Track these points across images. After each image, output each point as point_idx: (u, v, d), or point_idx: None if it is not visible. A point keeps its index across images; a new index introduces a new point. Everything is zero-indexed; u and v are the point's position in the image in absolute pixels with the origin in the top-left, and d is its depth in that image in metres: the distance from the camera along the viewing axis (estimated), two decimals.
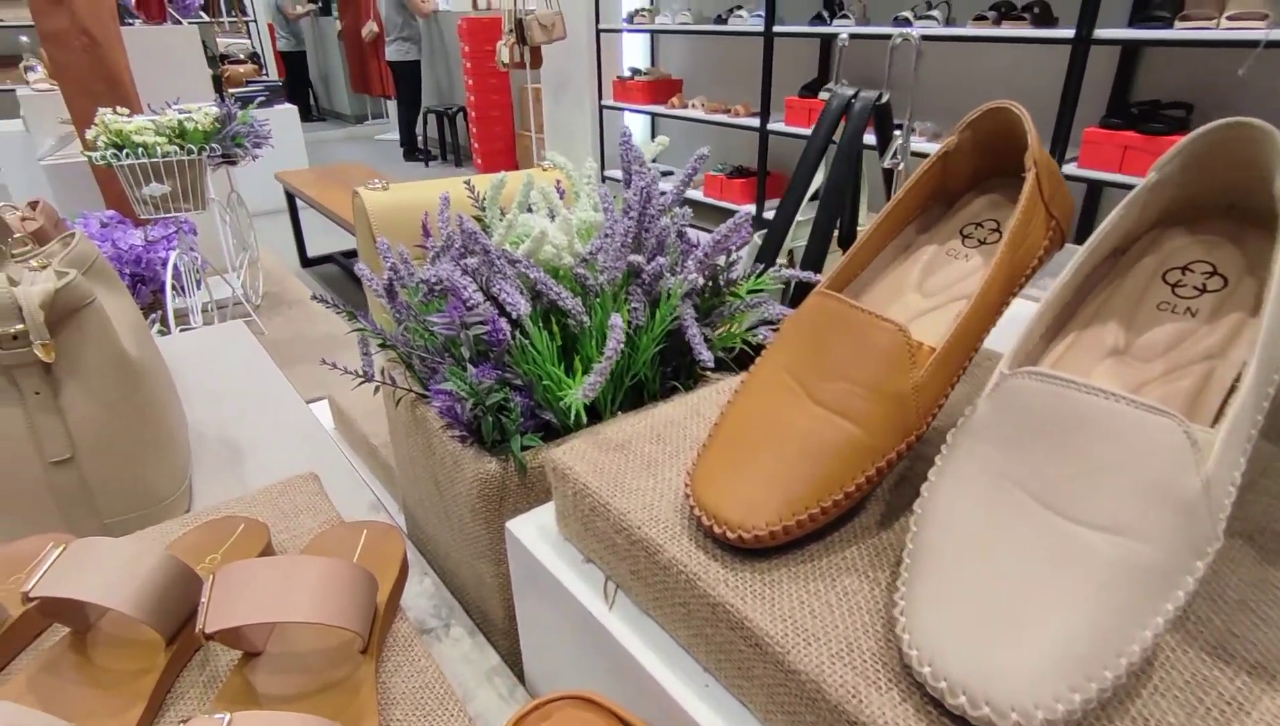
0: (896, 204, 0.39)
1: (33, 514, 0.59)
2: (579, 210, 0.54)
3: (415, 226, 0.70)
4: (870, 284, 0.41)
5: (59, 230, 1.21)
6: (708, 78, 4.09)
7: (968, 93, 2.88)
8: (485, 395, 0.45)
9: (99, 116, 1.90)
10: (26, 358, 0.56)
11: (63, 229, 1.24)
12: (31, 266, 0.65)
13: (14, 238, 0.70)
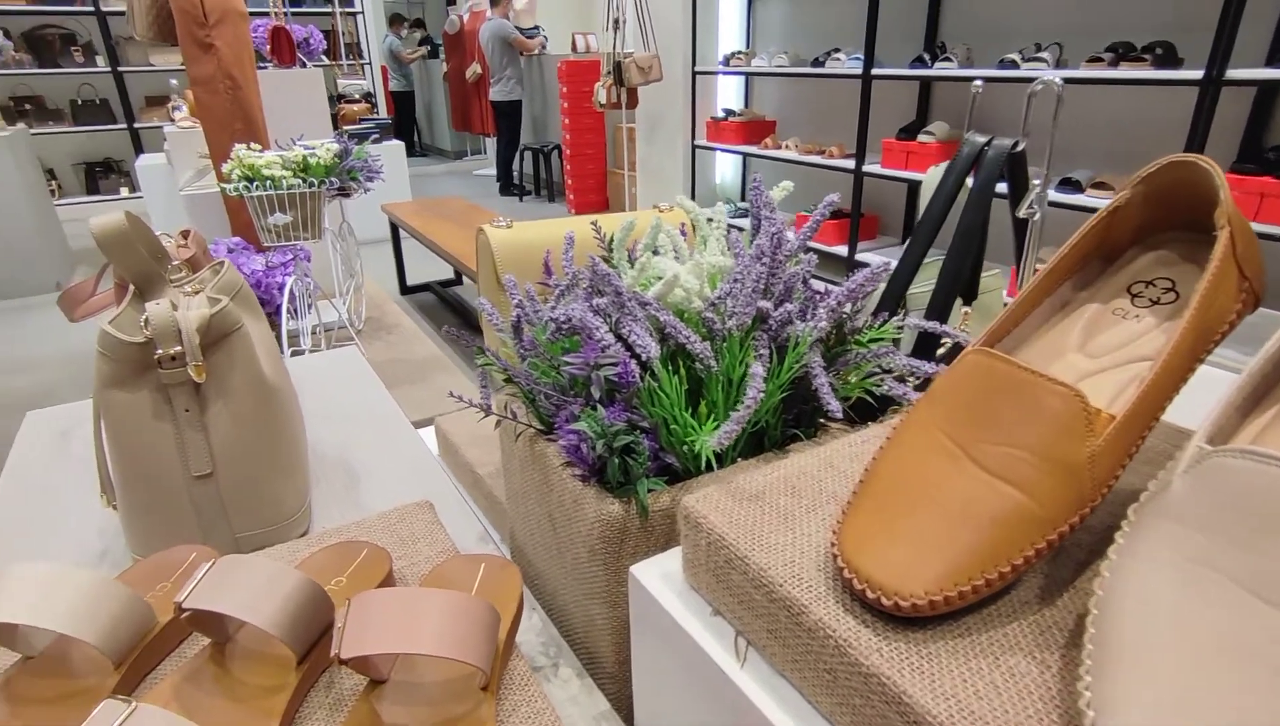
0: (1060, 259, 0.37)
1: (173, 523, 0.63)
2: (708, 254, 0.54)
3: (537, 263, 0.71)
4: (1025, 342, 0.39)
5: (208, 258, 1.31)
6: (802, 119, 4.09)
7: (1080, 137, 2.77)
8: (615, 437, 0.45)
9: (234, 152, 2.06)
10: (181, 377, 0.60)
11: (210, 256, 1.34)
12: (186, 292, 0.70)
13: (172, 265, 0.75)
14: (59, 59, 5.93)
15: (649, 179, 4.77)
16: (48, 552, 0.70)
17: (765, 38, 4.25)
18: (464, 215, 3.50)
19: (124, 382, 0.59)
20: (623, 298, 0.49)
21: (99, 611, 0.44)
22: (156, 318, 0.58)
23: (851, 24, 3.63)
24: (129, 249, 0.63)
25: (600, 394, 0.47)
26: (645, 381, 0.48)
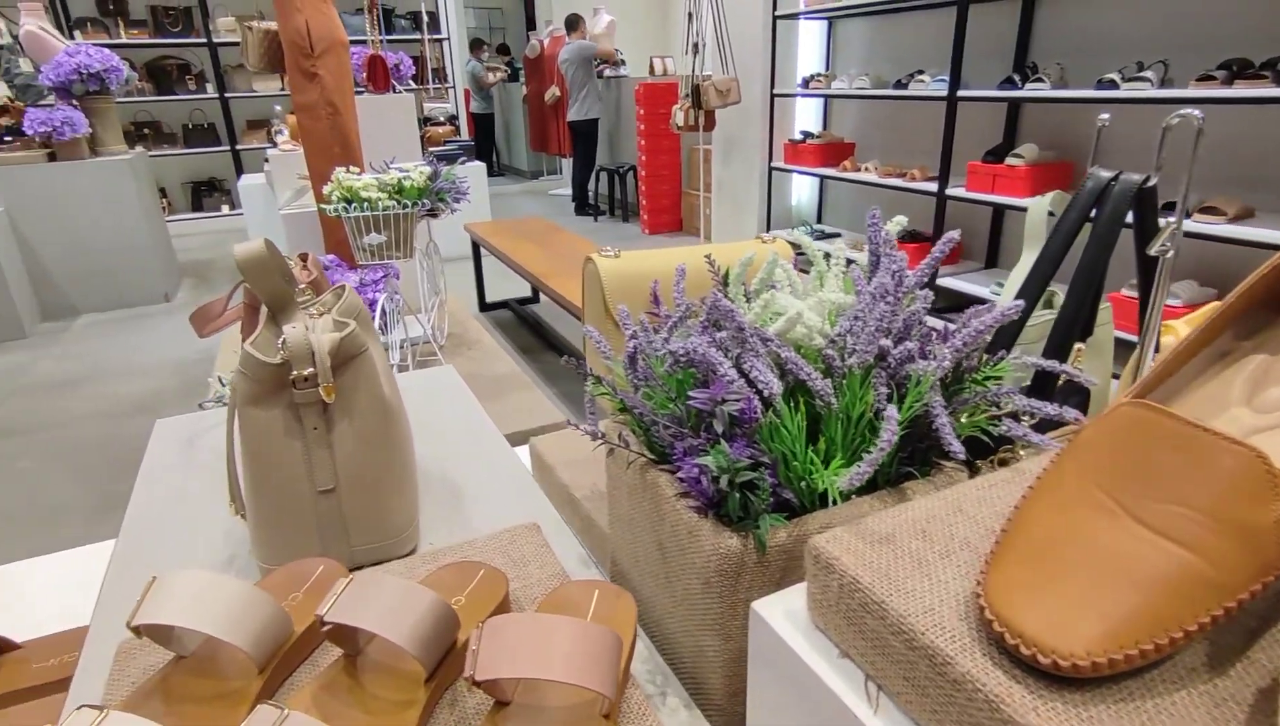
0: (1225, 307, 0.36)
1: (297, 535, 0.66)
2: (827, 291, 0.54)
3: (644, 292, 0.73)
4: (1181, 394, 0.38)
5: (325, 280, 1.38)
6: (882, 141, 4.04)
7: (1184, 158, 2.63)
8: (738, 472, 0.46)
9: (335, 175, 2.17)
10: (312, 397, 0.63)
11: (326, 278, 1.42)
12: (312, 314, 0.74)
13: (299, 288, 0.80)
14: (174, 87, 6.38)
15: (724, 200, 4.78)
16: (179, 555, 0.74)
17: (845, 60, 4.22)
18: (542, 235, 3.58)
19: (261, 400, 0.63)
20: (745, 333, 0.50)
21: (248, 618, 0.47)
22: (293, 340, 0.61)
23: (935, 45, 3.57)
24: (267, 274, 0.67)
25: (723, 429, 0.48)
26: (766, 417, 0.48)
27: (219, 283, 4.75)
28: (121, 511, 2.27)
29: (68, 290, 4.11)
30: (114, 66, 4.05)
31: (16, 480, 2.37)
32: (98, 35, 6.01)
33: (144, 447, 2.69)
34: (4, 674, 0.70)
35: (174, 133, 6.57)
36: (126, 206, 4.11)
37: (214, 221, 6.63)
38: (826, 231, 4.33)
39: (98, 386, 3.12)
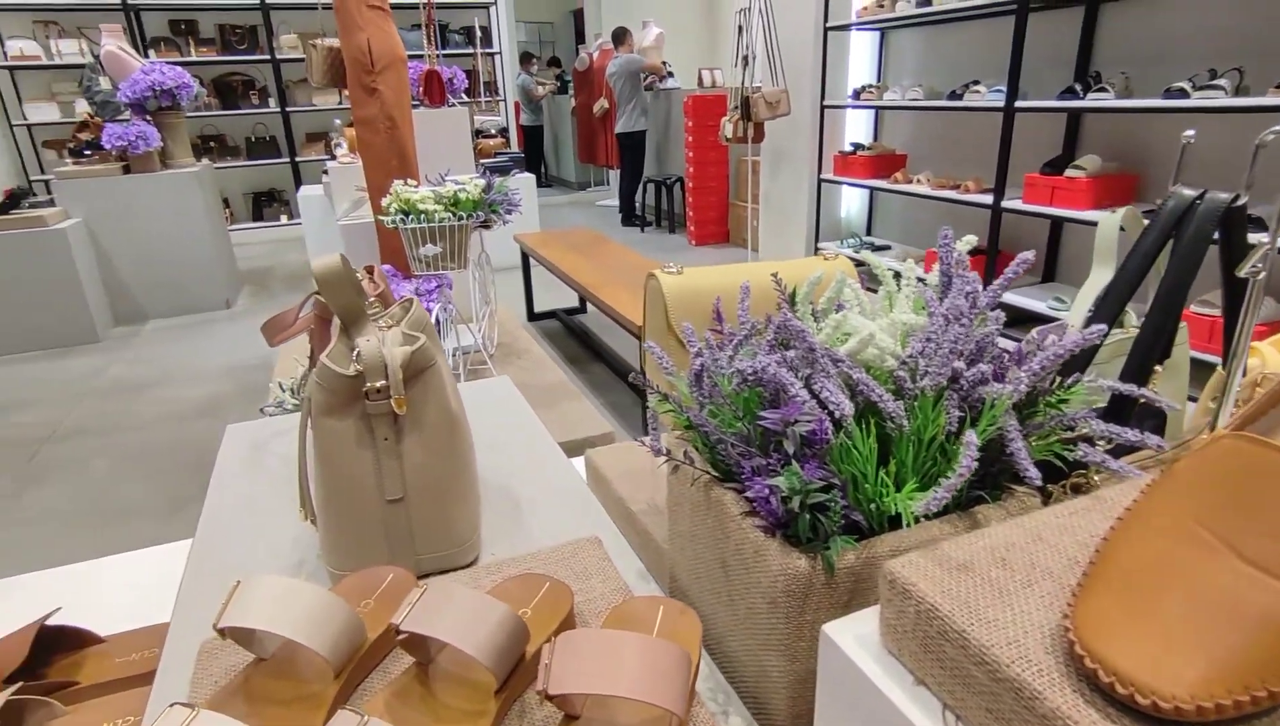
0: None
1: (366, 543, 0.68)
2: (898, 311, 0.53)
3: (706, 309, 0.73)
4: None
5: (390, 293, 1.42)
6: (935, 153, 3.97)
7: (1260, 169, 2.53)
8: (809, 493, 0.46)
9: (393, 188, 2.22)
10: (384, 408, 0.65)
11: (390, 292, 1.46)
12: (381, 327, 0.76)
13: (369, 301, 0.83)
14: (239, 101, 6.63)
15: (772, 212, 4.76)
16: (251, 558, 0.77)
17: (898, 71, 4.17)
18: (590, 246, 3.61)
19: (335, 411, 0.65)
20: (816, 354, 0.50)
21: (326, 624, 0.49)
22: (367, 353, 0.63)
23: (991, 55, 3.51)
24: (343, 287, 0.70)
25: (794, 449, 0.48)
26: (838, 438, 0.48)
27: (277, 290, 4.91)
28: (188, 511, 2.36)
29: (138, 296, 4.29)
30: (185, 83, 4.23)
31: (92, 479, 2.48)
32: (170, 54, 6.29)
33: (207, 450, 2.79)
34: (89, 666, 0.73)
35: (237, 145, 6.83)
36: (193, 217, 4.28)
37: (273, 231, 6.86)
38: (876, 244, 4.28)
39: (164, 390, 3.24)
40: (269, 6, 6.41)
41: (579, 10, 11.22)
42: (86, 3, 6.01)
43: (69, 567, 0.96)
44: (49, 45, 6.05)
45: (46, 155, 6.31)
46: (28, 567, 2.02)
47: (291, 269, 5.53)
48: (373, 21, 2.68)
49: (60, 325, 3.85)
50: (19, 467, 2.58)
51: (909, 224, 4.32)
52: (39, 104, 6.16)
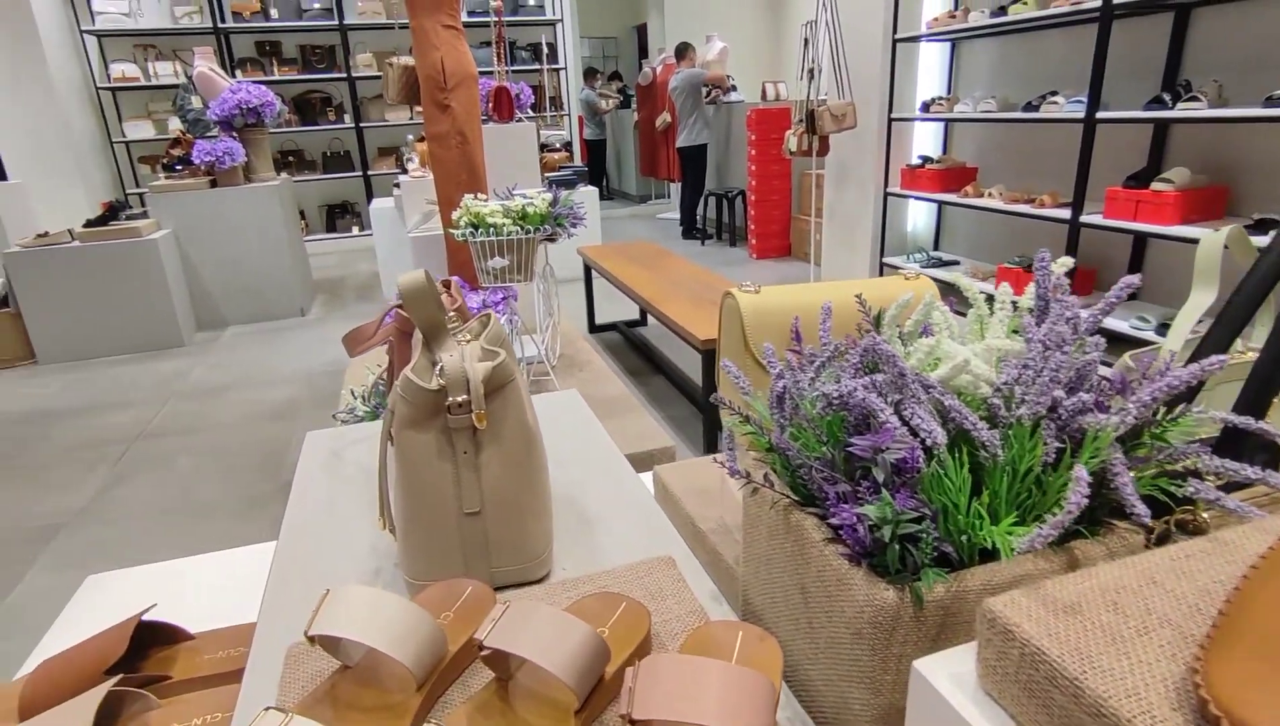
0: None
1: (443, 554, 0.69)
2: (991, 335, 0.52)
3: (784, 329, 0.72)
4: None
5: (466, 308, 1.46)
6: (1008, 166, 3.86)
7: None
8: (901, 524, 0.44)
9: (464, 202, 2.28)
10: (465, 423, 0.66)
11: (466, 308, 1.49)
12: (460, 341, 0.78)
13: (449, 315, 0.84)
14: (317, 118, 6.92)
15: (836, 226, 4.69)
16: (331, 563, 0.79)
17: (969, 82, 4.07)
18: (652, 259, 3.62)
19: (417, 423, 0.66)
20: (906, 379, 0.49)
21: (411, 636, 0.49)
22: (450, 368, 0.65)
23: (1070, 64, 3.39)
24: (427, 302, 0.72)
25: (884, 478, 0.46)
26: (930, 467, 0.47)
27: (349, 299, 5.08)
28: (262, 511, 2.44)
29: (219, 303, 4.50)
30: (268, 101, 4.44)
31: (175, 476, 2.60)
32: (255, 73, 6.61)
33: (280, 452, 2.88)
34: (181, 662, 0.76)
35: (314, 160, 7.12)
36: (273, 228, 4.47)
37: (345, 241, 7.12)
38: (944, 259, 4.17)
39: (242, 393, 3.39)
40: (347, 28, 6.68)
41: (642, 25, 11.35)
42: (182, 27, 6.38)
43: (161, 564, 1.00)
44: (147, 67, 6.44)
45: (141, 170, 6.70)
46: (118, 558, 2.13)
47: (362, 279, 5.72)
48: (447, 41, 2.76)
49: (150, 330, 4.07)
50: (111, 464, 2.72)
51: (978, 239, 4.19)
52: (136, 122, 6.55)
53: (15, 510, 2.44)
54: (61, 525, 2.32)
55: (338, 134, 7.09)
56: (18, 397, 3.47)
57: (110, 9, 6.16)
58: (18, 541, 2.25)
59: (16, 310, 3.85)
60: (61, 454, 2.85)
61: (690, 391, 3.15)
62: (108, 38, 6.41)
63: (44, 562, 2.13)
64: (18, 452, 2.88)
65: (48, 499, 2.50)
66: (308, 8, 6.62)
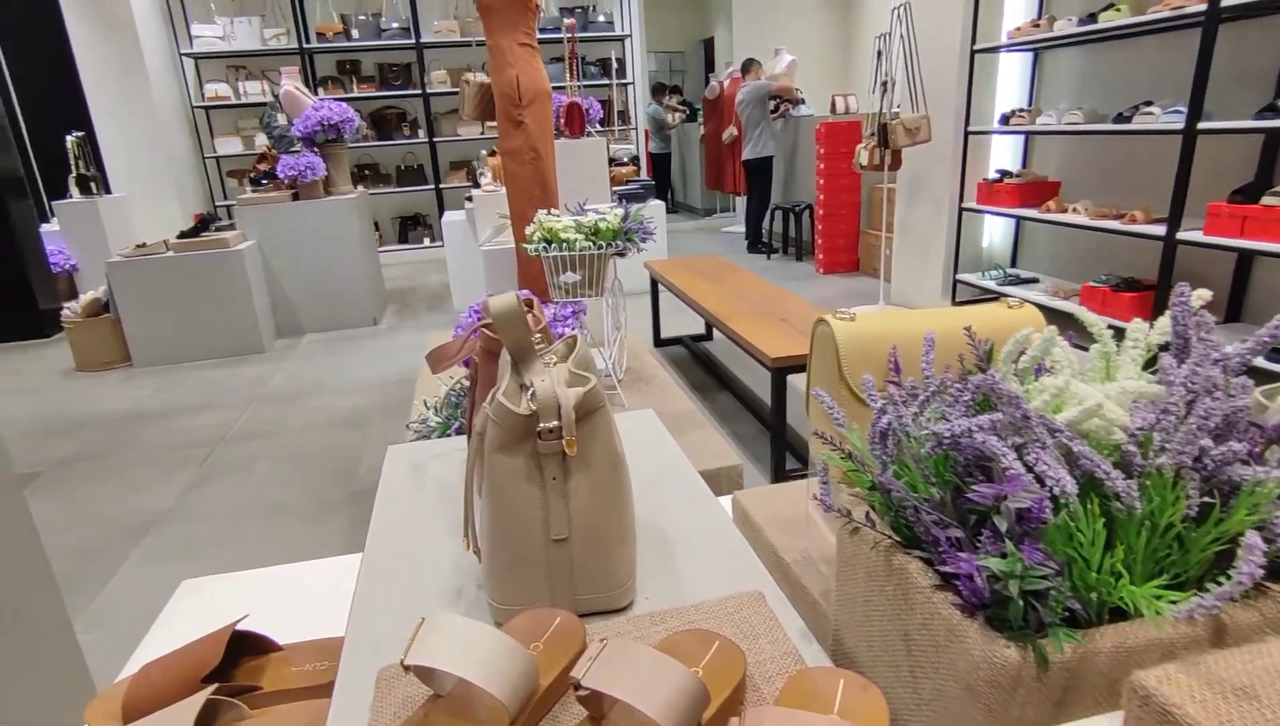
0: None
1: (528, 580, 0.69)
2: (1124, 376, 0.48)
3: (881, 358, 0.69)
4: None
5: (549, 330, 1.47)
6: (1094, 180, 3.69)
7: None
8: (1029, 579, 0.41)
9: (537, 217, 2.31)
10: (555, 448, 0.65)
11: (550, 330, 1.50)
12: (546, 363, 0.78)
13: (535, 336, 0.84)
14: (392, 133, 7.16)
15: (907, 241, 4.57)
16: (416, 581, 0.80)
17: (1052, 93, 3.92)
18: (719, 273, 3.60)
19: (507, 448, 0.66)
20: (1031, 422, 0.45)
21: (505, 668, 0.49)
22: (542, 394, 0.64)
23: (1166, 72, 3.23)
24: (518, 324, 0.72)
25: (1007, 527, 0.44)
26: (1059, 517, 0.43)
27: (419, 309, 5.22)
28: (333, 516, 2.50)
29: (298, 312, 4.68)
30: (348, 118, 4.62)
31: (254, 479, 2.70)
32: (335, 90, 6.89)
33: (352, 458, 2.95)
34: (270, 673, 0.78)
35: (389, 173, 7.36)
36: (350, 240, 4.63)
37: (416, 252, 7.32)
38: (1022, 276, 4.01)
39: (318, 399, 3.51)
40: (423, 46, 6.90)
41: (709, 40, 11.37)
42: (270, 49, 6.70)
43: (251, 572, 1.04)
44: (237, 86, 6.78)
45: (229, 183, 7.05)
46: (201, 557, 2.22)
47: (432, 290, 5.87)
48: (522, 58, 2.82)
49: (234, 336, 4.26)
50: (197, 465, 2.85)
51: (1059, 255, 4.02)
52: (226, 138, 6.90)
53: (114, 506, 2.57)
54: (152, 523, 2.44)
55: (411, 148, 7.31)
56: (116, 398, 3.68)
57: (207, 33, 6.52)
58: (115, 536, 2.37)
59: (116, 316, 4.09)
60: (153, 453, 3.00)
61: (757, 409, 3.11)
62: (203, 60, 6.79)
63: (136, 558, 2.24)
64: (115, 451, 3.05)
65: (141, 496, 2.63)
66: (386, 27, 6.86)
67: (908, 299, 4.60)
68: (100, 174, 5.55)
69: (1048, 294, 3.65)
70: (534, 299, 1.04)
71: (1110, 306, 3.20)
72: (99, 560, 2.23)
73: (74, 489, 2.73)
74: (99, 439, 3.18)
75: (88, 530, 2.42)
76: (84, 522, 2.48)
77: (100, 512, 2.54)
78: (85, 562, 2.23)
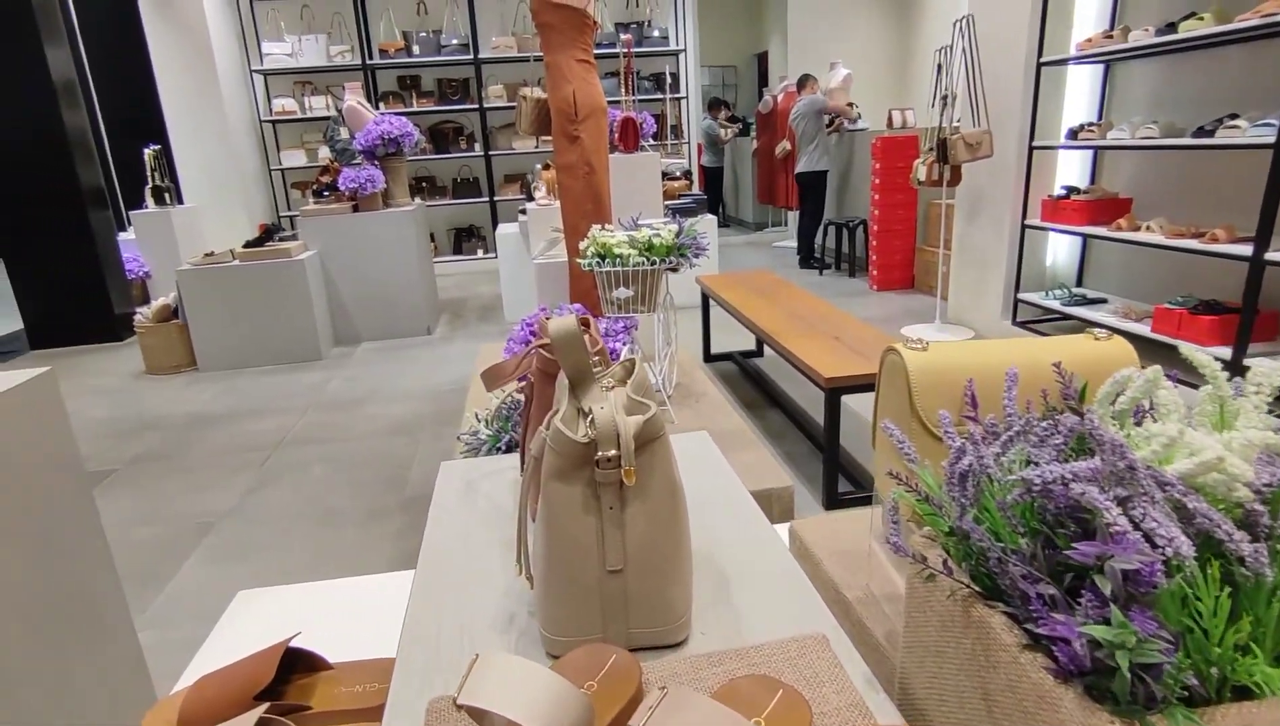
0: None
1: (582, 612, 0.67)
2: (1246, 424, 0.44)
3: (955, 391, 0.66)
4: None
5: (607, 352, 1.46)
6: (1169, 196, 3.53)
7: None
8: (1141, 650, 0.37)
9: (591, 232, 2.31)
10: (613, 478, 0.63)
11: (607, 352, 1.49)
12: (604, 386, 0.76)
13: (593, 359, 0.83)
14: (449, 146, 7.31)
15: (965, 258, 4.45)
16: (467, 608, 0.78)
17: (1123, 107, 3.77)
18: (772, 289, 3.55)
19: (564, 475, 0.64)
20: (1137, 473, 0.42)
21: (562, 714, 0.47)
22: (601, 422, 0.62)
23: (1253, 83, 3.07)
24: (577, 348, 0.70)
25: (1113, 591, 0.40)
26: (1173, 583, 0.39)
27: (470, 319, 5.29)
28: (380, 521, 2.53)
29: (355, 321, 4.79)
30: (408, 132, 4.72)
31: (310, 483, 2.76)
32: (395, 105, 7.07)
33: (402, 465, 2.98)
34: (320, 692, 0.77)
35: (445, 185, 7.51)
36: (406, 251, 4.73)
37: (469, 263, 7.44)
38: (1089, 296, 3.86)
39: (371, 407, 3.57)
40: (481, 61, 7.04)
41: (763, 54, 11.33)
42: (335, 65, 6.92)
43: (303, 586, 1.04)
44: (303, 101, 7.02)
45: (293, 195, 7.29)
46: (258, 560, 2.27)
47: (484, 301, 5.95)
48: (579, 75, 2.83)
49: (294, 343, 4.38)
50: (256, 469, 2.93)
51: (1129, 275, 3.85)
52: (291, 151, 7.15)
53: (179, 506, 2.66)
54: (213, 523, 2.51)
55: (467, 161, 7.45)
56: (182, 401, 3.81)
57: (276, 50, 6.78)
58: (180, 535, 2.44)
59: (184, 322, 4.25)
60: (217, 455, 3.09)
61: (809, 428, 3.05)
62: (272, 76, 7.05)
63: (197, 557, 2.30)
64: (182, 452, 3.15)
65: (204, 497, 2.71)
66: (446, 44, 7.03)
67: (966, 317, 4.47)
68: (174, 185, 5.80)
69: (1117, 315, 3.49)
70: (590, 318, 1.03)
71: (1187, 330, 3.05)
72: (164, 558, 2.30)
73: (144, 487, 2.83)
74: (167, 439, 3.30)
75: (155, 528, 2.51)
76: (152, 520, 2.57)
77: (168, 511, 2.62)
78: (151, 560, 2.30)
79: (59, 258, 4.86)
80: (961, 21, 3.97)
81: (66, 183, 4.76)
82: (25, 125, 4.64)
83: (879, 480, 0.79)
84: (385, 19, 7.07)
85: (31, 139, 4.66)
